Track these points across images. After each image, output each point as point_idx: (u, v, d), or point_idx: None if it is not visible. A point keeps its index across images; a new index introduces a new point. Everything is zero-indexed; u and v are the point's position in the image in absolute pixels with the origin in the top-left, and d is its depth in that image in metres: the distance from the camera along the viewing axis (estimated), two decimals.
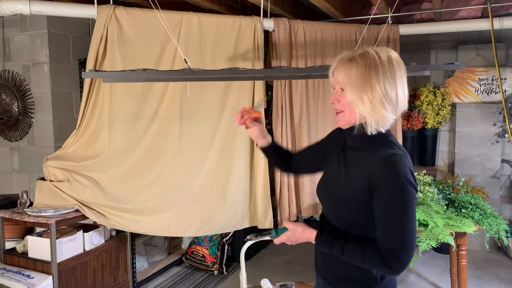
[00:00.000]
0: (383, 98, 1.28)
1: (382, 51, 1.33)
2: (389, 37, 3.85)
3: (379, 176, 1.27)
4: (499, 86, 4.33)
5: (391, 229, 1.27)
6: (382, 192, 1.27)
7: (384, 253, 1.27)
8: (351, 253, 1.33)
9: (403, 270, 1.27)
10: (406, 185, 1.25)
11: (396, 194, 1.25)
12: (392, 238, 1.27)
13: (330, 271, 1.46)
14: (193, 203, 3.23)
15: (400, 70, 1.33)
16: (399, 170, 1.25)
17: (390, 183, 1.25)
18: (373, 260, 1.29)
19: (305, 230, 1.44)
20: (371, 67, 1.29)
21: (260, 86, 3.37)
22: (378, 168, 1.27)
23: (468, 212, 2.79)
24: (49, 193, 2.98)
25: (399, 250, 1.25)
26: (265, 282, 2.43)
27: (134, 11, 2.99)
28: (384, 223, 1.28)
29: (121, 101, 3.03)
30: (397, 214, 1.26)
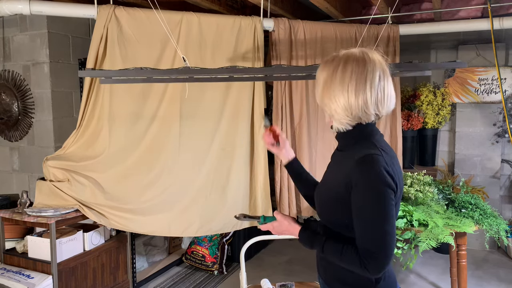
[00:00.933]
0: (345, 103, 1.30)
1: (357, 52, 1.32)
2: (389, 37, 3.86)
3: (353, 176, 1.26)
4: (499, 86, 4.33)
5: (367, 229, 1.25)
6: (356, 192, 1.26)
7: (361, 253, 1.25)
8: (330, 250, 1.33)
9: (380, 272, 1.25)
10: (380, 186, 1.23)
11: (369, 195, 1.24)
12: (367, 239, 1.25)
13: (328, 272, 1.46)
14: (193, 203, 3.23)
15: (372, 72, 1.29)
16: (372, 170, 1.24)
17: (363, 183, 1.25)
18: (350, 259, 1.28)
19: (291, 224, 1.47)
20: (335, 71, 1.31)
21: (260, 86, 3.37)
22: (353, 169, 1.27)
23: (468, 212, 2.79)
24: (49, 193, 2.98)
25: (375, 250, 1.23)
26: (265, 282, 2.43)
27: (134, 11, 2.99)
28: (359, 223, 1.27)
29: (121, 101, 3.03)
30: (372, 215, 1.24)
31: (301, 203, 3.64)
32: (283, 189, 3.53)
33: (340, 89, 1.29)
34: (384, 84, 1.31)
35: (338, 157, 1.44)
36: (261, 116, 3.36)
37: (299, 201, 3.65)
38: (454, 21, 3.91)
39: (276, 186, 3.54)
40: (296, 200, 3.64)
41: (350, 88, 1.28)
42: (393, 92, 1.34)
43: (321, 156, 3.67)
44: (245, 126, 3.35)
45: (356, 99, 1.28)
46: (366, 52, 1.33)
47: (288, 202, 3.57)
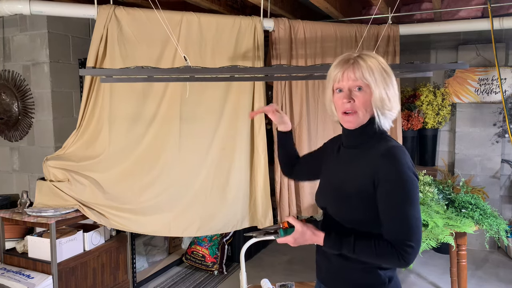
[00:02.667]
0: (397, 95, 1.37)
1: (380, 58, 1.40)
2: (389, 37, 3.86)
3: (382, 170, 1.29)
4: (499, 86, 4.33)
5: (399, 219, 1.27)
6: (386, 184, 1.28)
7: (396, 245, 1.26)
8: (362, 250, 1.30)
9: (413, 260, 1.27)
10: (409, 174, 1.27)
11: (400, 184, 1.27)
12: (400, 228, 1.26)
13: (338, 278, 1.43)
14: (193, 203, 3.23)
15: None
16: (401, 161, 1.28)
17: (394, 174, 1.27)
18: (385, 254, 1.27)
19: (314, 233, 1.39)
20: (385, 66, 1.36)
21: (260, 87, 3.37)
22: (380, 162, 1.29)
23: (468, 212, 2.79)
24: (49, 193, 2.98)
25: (409, 239, 1.25)
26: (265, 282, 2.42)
27: (134, 11, 2.99)
28: (390, 214, 1.28)
29: (121, 101, 3.03)
30: (403, 204, 1.26)
31: (301, 203, 3.64)
32: (283, 189, 3.53)
33: (394, 80, 1.37)
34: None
35: (350, 155, 1.43)
36: (261, 116, 3.36)
37: (299, 201, 3.65)
38: (454, 21, 3.91)
39: (276, 186, 3.54)
40: (296, 200, 3.64)
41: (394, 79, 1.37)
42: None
43: None
44: (245, 126, 3.34)
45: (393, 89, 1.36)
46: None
47: (288, 202, 3.57)
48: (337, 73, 1.37)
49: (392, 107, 1.35)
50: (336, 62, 1.40)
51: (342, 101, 1.36)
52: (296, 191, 3.62)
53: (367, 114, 1.35)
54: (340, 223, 1.40)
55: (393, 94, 1.35)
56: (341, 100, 1.36)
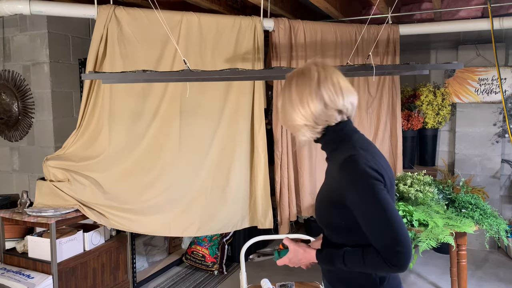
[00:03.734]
0: (295, 111, 1.36)
1: (290, 76, 1.41)
2: (389, 37, 3.86)
3: (342, 181, 1.29)
4: (499, 86, 4.33)
5: (374, 227, 1.25)
6: (350, 195, 1.28)
7: (381, 252, 1.23)
8: (352, 261, 1.31)
9: (407, 263, 1.22)
10: (367, 181, 1.25)
11: (362, 194, 1.25)
12: (381, 235, 1.24)
13: (332, 274, 1.46)
14: (193, 203, 3.23)
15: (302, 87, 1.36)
16: (355, 170, 1.26)
17: (352, 185, 1.27)
18: (374, 262, 1.26)
19: (306, 251, 1.43)
20: (284, 92, 1.40)
21: (260, 86, 3.37)
22: (339, 174, 1.30)
23: (468, 212, 2.79)
24: (49, 193, 2.98)
25: (394, 243, 1.21)
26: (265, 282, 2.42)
27: (134, 11, 2.99)
28: (366, 223, 1.26)
29: (121, 101, 3.02)
30: (372, 212, 1.24)
31: (301, 203, 3.64)
32: (283, 189, 3.53)
33: (292, 105, 1.36)
34: (328, 82, 1.34)
35: (328, 166, 1.46)
36: (261, 116, 3.36)
37: (299, 201, 3.65)
38: (454, 21, 3.91)
39: (276, 186, 3.54)
40: (296, 200, 3.64)
41: (304, 99, 1.34)
42: (345, 85, 1.36)
43: (321, 156, 3.67)
44: (245, 126, 3.34)
45: (313, 105, 1.33)
46: (307, 64, 1.40)
47: (288, 202, 3.57)
48: None
49: (294, 131, 1.40)
50: None
51: None
52: (296, 191, 3.62)
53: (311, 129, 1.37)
54: (330, 233, 1.42)
55: (290, 113, 1.37)
56: None
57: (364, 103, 3.92)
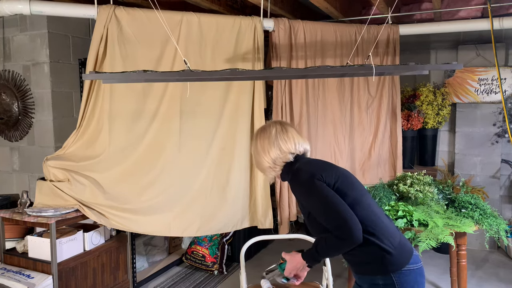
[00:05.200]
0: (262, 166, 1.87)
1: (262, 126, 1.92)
2: (389, 37, 3.86)
3: (295, 192, 1.76)
4: (499, 86, 4.33)
5: (324, 215, 1.63)
6: (303, 200, 1.73)
7: (333, 232, 1.59)
8: (321, 249, 1.66)
9: (356, 235, 1.56)
10: (307, 181, 1.67)
11: (309, 197, 1.67)
12: (329, 220, 1.61)
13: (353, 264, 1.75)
14: (193, 203, 3.23)
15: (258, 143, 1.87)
16: (298, 180, 1.72)
17: (300, 192, 1.72)
18: (332, 242, 1.61)
19: (296, 257, 1.78)
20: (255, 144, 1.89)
21: (260, 86, 3.37)
22: (293, 188, 1.77)
23: (468, 212, 2.79)
24: (49, 193, 2.98)
25: (339, 223, 1.58)
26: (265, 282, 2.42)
27: (134, 11, 2.99)
28: (318, 215, 1.66)
29: (121, 101, 3.02)
30: (315, 203, 1.66)
31: None
32: (283, 189, 3.53)
33: (258, 153, 1.85)
34: (284, 135, 1.82)
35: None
36: (261, 116, 3.36)
37: None
38: (454, 21, 3.91)
39: (276, 186, 3.54)
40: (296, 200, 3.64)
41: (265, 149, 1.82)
42: (297, 136, 1.84)
43: (321, 156, 3.66)
44: (245, 126, 3.35)
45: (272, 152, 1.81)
46: (268, 122, 1.90)
47: (288, 202, 3.57)
48: None
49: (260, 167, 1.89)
50: None
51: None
52: None
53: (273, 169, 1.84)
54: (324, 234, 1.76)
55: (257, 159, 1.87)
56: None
57: (364, 103, 3.92)
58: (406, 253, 1.65)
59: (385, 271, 1.62)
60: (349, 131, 3.89)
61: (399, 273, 1.61)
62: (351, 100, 3.88)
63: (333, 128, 3.78)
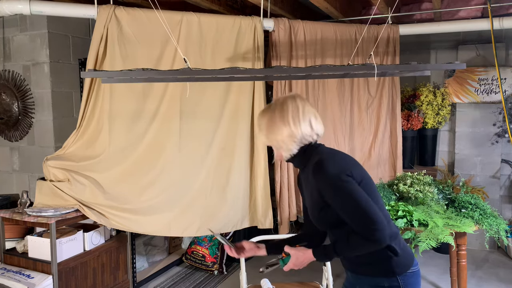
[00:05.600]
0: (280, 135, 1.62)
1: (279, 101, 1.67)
2: (389, 37, 3.86)
3: (317, 184, 1.57)
4: (499, 86, 4.33)
5: (353, 215, 1.51)
6: (327, 194, 1.55)
7: (361, 233, 1.50)
8: (342, 249, 1.56)
9: (386, 238, 1.49)
10: (337, 178, 1.52)
11: (336, 190, 1.52)
12: (359, 221, 1.50)
13: (354, 262, 1.68)
14: (193, 203, 3.23)
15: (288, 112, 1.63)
16: (326, 171, 1.53)
17: (326, 185, 1.54)
18: (359, 244, 1.52)
19: (304, 253, 1.65)
20: (269, 116, 1.65)
21: (260, 87, 3.37)
22: (314, 178, 1.57)
23: (468, 212, 2.79)
24: (49, 193, 2.98)
25: (368, 224, 1.48)
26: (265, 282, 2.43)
27: (134, 11, 3.00)
28: (346, 214, 1.52)
29: (121, 101, 3.03)
30: (348, 203, 1.51)
31: (301, 203, 3.64)
32: (283, 189, 3.53)
33: (281, 123, 1.62)
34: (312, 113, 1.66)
35: (303, 176, 1.72)
36: None
37: (299, 201, 3.65)
38: (454, 21, 3.91)
39: (276, 186, 3.54)
40: (296, 200, 3.64)
41: (291, 120, 1.62)
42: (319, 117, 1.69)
43: None
44: (245, 126, 3.35)
45: (295, 127, 1.61)
46: (293, 94, 1.73)
47: (288, 202, 3.57)
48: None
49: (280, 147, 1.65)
50: None
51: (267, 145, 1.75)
52: (296, 191, 3.62)
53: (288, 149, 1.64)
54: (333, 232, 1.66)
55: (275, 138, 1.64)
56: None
57: (364, 103, 3.92)
58: (410, 255, 1.65)
59: (391, 273, 1.60)
60: (349, 131, 3.89)
61: (405, 276, 1.61)
62: (351, 100, 3.88)
63: (333, 128, 3.78)
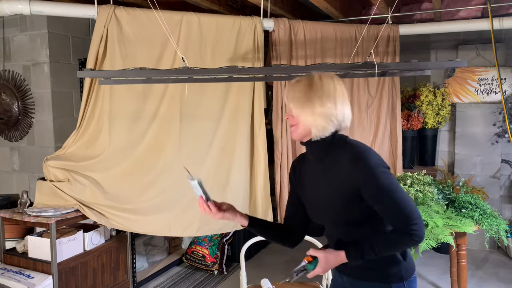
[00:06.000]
0: (324, 112, 1.44)
1: (324, 75, 1.50)
2: (389, 37, 3.86)
3: (357, 174, 1.42)
4: (499, 86, 4.33)
5: (395, 209, 1.40)
6: (368, 185, 1.41)
7: (404, 230, 1.40)
8: (380, 246, 1.43)
9: (424, 233, 1.41)
10: (381, 169, 1.41)
11: (379, 181, 1.40)
12: (400, 216, 1.40)
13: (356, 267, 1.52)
14: (193, 203, 3.21)
15: (336, 91, 1.46)
16: (370, 161, 1.41)
17: (370, 175, 1.40)
18: (399, 241, 1.42)
19: (336, 255, 1.48)
20: (316, 87, 1.46)
21: (260, 87, 3.37)
22: (353, 168, 1.43)
23: (468, 212, 2.79)
24: (49, 193, 2.98)
25: (410, 219, 1.39)
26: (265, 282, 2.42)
27: (134, 11, 3.00)
28: (387, 208, 1.41)
29: (121, 101, 3.03)
30: (390, 195, 1.40)
31: None
32: (283, 189, 3.53)
33: (327, 99, 1.45)
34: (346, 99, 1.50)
35: (322, 167, 1.54)
36: (261, 116, 3.36)
37: None
38: (454, 21, 3.91)
39: (276, 186, 3.54)
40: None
41: (338, 99, 1.46)
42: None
43: None
44: (245, 126, 3.34)
45: (341, 107, 1.46)
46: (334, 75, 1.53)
47: None
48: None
49: (317, 125, 1.46)
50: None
51: (286, 117, 1.54)
52: None
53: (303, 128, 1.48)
54: (349, 230, 1.52)
55: (312, 113, 1.45)
56: (286, 116, 1.54)
57: (364, 103, 3.92)
58: (412, 259, 1.59)
59: (399, 278, 1.52)
60: (349, 131, 3.89)
61: (409, 281, 1.54)
62: (351, 100, 3.83)
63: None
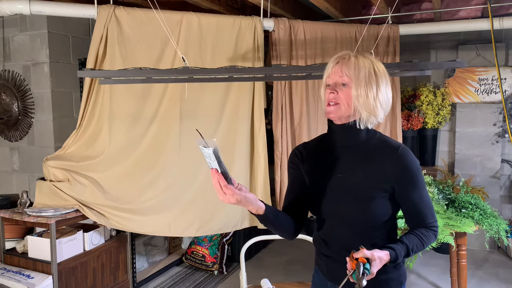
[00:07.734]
0: (382, 100, 1.38)
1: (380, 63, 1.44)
2: (389, 37, 3.86)
3: (404, 167, 1.38)
4: (499, 86, 4.33)
5: (426, 206, 1.42)
6: (409, 182, 1.38)
7: (429, 227, 1.42)
8: (414, 247, 1.39)
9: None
10: (419, 167, 1.42)
11: (420, 177, 1.41)
12: (429, 213, 1.43)
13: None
14: (193, 203, 3.23)
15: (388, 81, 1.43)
16: (413, 159, 1.40)
17: (415, 170, 1.39)
18: (428, 239, 1.42)
19: (382, 256, 1.29)
20: (378, 69, 1.39)
21: (260, 87, 3.37)
22: (400, 160, 1.38)
23: (468, 212, 2.79)
24: (49, 193, 2.98)
25: (433, 218, 1.45)
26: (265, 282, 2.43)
27: (134, 11, 2.99)
28: (421, 204, 1.41)
29: (121, 101, 3.03)
30: (426, 193, 1.43)
31: None
32: (283, 189, 3.53)
33: (387, 87, 1.40)
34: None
35: (351, 157, 1.43)
36: (261, 116, 3.36)
37: None
38: (454, 21, 3.91)
39: (276, 186, 3.54)
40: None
41: (388, 84, 1.40)
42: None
43: None
44: (245, 126, 3.34)
45: (387, 94, 1.40)
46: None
47: None
48: (328, 69, 1.44)
49: (373, 110, 1.36)
50: (332, 59, 1.45)
51: (328, 93, 1.40)
52: None
53: (349, 108, 1.36)
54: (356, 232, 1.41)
55: (374, 97, 1.35)
56: (327, 93, 1.40)
57: None
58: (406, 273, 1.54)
59: (399, 283, 1.46)
60: None
61: (405, 285, 1.50)
62: None
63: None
